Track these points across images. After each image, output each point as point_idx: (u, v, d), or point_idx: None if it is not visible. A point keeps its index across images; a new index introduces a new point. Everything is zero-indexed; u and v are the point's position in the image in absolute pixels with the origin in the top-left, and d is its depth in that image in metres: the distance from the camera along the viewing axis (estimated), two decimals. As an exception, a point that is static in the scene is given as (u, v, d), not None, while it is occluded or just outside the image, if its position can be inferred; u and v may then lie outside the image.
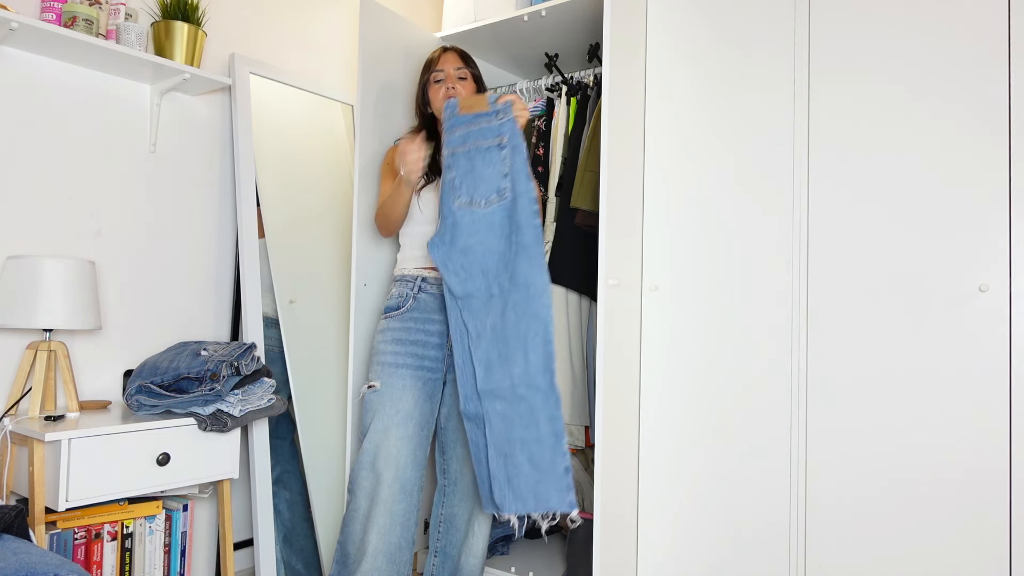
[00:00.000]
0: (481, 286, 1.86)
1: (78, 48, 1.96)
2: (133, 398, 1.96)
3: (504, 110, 1.87)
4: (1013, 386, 1.61)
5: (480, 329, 1.86)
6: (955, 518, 1.66)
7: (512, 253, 1.83)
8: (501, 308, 1.84)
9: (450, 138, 1.90)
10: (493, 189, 1.86)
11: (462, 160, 1.88)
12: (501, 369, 1.82)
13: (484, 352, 1.85)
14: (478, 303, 1.87)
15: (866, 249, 1.79)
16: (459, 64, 2.12)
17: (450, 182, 1.88)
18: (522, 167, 1.85)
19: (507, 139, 1.86)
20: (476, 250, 1.86)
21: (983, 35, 1.68)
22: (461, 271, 1.86)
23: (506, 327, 1.83)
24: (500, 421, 1.82)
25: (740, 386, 1.95)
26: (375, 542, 1.90)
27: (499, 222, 1.85)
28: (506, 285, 1.83)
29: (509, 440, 1.81)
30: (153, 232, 2.28)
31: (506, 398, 1.82)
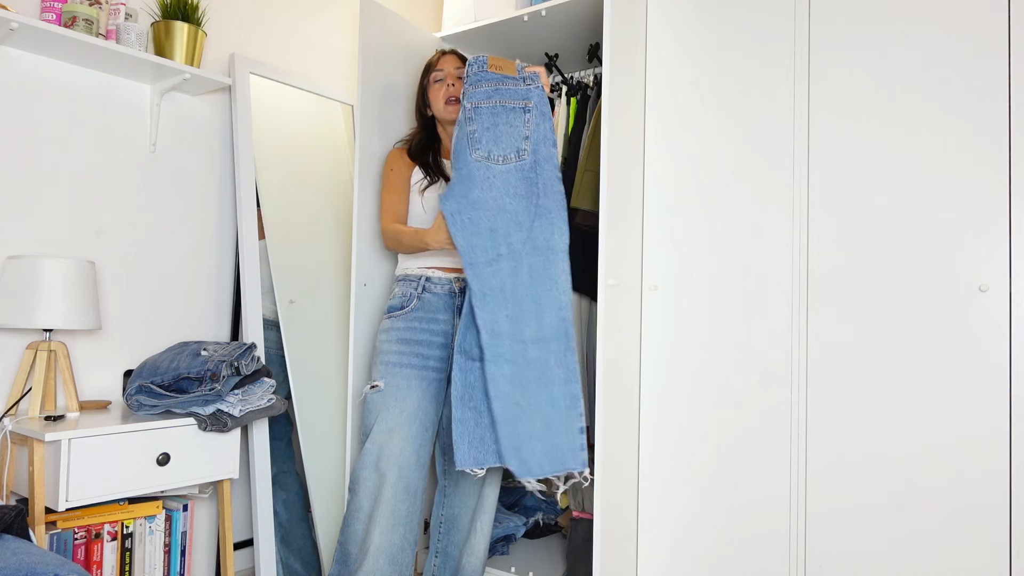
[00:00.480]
0: (487, 244, 1.82)
1: (78, 48, 1.96)
2: (133, 398, 1.96)
3: (532, 78, 1.89)
4: (1013, 386, 1.61)
5: (486, 290, 1.80)
6: (955, 518, 1.66)
7: (531, 215, 1.81)
8: (511, 269, 1.81)
9: (474, 92, 1.87)
10: (512, 148, 1.84)
11: (486, 115, 1.86)
12: (511, 332, 1.78)
13: (490, 313, 1.78)
14: (482, 261, 1.81)
15: (866, 249, 1.79)
16: (458, 64, 2.13)
17: (469, 134, 1.85)
18: (547, 134, 1.84)
19: (534, 103, 1.87)
20: (488, 204, 1.83)
21: (983, 36, 1.68)
22: (469, 225, 1.82)
23: (517, 289, 1.79)
24: (509, 385, 1.76)
25: (740, 386, 1.95)
26: (377, 542, 1.89)
27: (515, 181, 1.83)
28: (518, 247, 1.81)
29: (518, 404, 1.75)
30: (153, 232, 2.28)
31: (516, 362, 1.77)
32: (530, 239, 1.82)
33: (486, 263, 1.81)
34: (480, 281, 1.80)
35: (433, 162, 2.12)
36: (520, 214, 1.82)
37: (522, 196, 1.83)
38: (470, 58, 1.94)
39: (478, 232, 1.82)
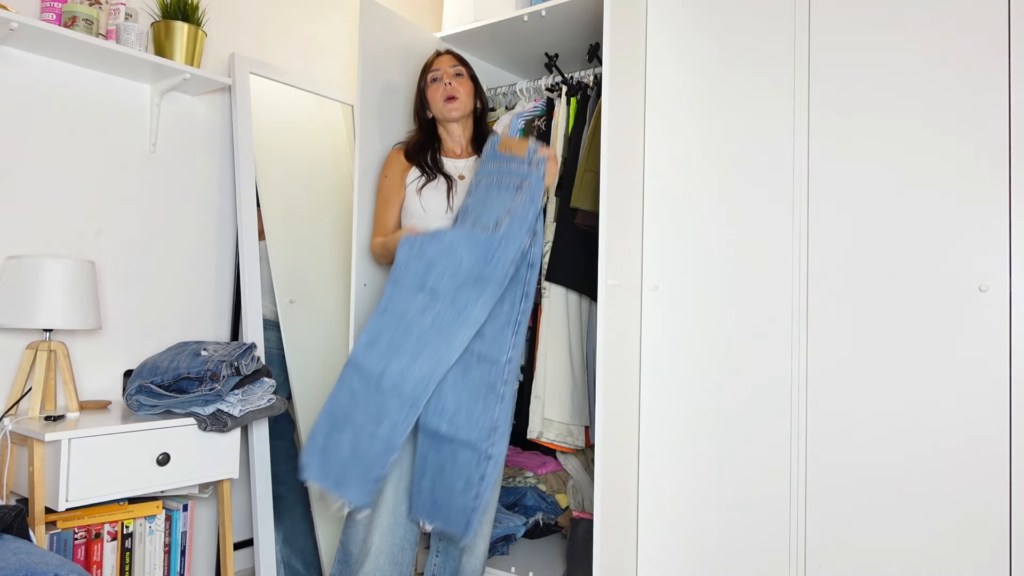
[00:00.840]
0: (420, 271, 1.85)
1: (78, 48, 1.96)
2: (133, 398, 1.96)
3: (538, 164, 1.94)
4: (1013, 386, 1.61)
5: (391, 308, 1.85)
6: (954, 517, 1.66)
7: (468, 277, 1.84)
8: (422, 306, 1.84)
9: (482, 168, 1.99)
10: (493, 219, 1.91)
11: (482, 190, 1.97)
12: (382, 355, 1.82)
13: (379, 327, 1.83)
14: (407, 284, 1.86)
15: (866, 249, 1.79)
16: (454, 63, 2.14)
17: (464, 207, 1.96)
18: (529, 216, 1.88)
19: (528, 185, 1.92)
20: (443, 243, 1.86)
21: (982, 37, 1.68)
22: (418, 248, 1.87)
23: (412, 324, 1.83)
24: (349, 396, 1.82)
25: (741, 385, 1.95)
26: (378, 542, 1.90)
27: (480, 242, 1.87)
28: (441, 292, 1.84)
29: (343, 419, 1.81)
30: (153, 232, 2.28)
31: (367, 381, 1.82)
32: (455, 292, 1.85)
33: (410, 286, 1.86)
34: (393, 298, 1.86)
35: (431, 160, 2.12)
36: (462, 266, 1.85)
37: (476, 257, 1.85)
38: (490, 137, 2.02)
39: (420, 258, 1.87)
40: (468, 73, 2.16)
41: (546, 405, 2.27)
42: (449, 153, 2.17)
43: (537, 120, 2.49)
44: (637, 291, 2.10)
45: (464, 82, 2.13)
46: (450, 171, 2.13)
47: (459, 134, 2.18)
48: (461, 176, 2.13)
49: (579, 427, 2.34)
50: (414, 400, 1.81)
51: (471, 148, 2.21)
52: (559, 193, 2.32)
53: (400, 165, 2.14)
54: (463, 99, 2.12)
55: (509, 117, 2.58)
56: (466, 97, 2.13)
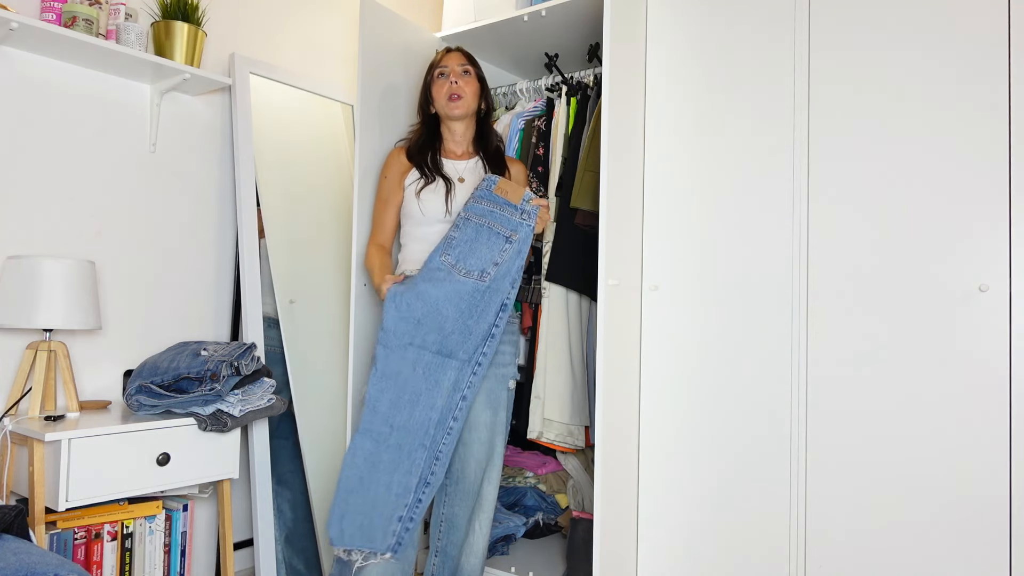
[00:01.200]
0: (407, 331, 1.93)
1: (78, 48, 1.96)
2: (133, 398, 1.96)
3: (530, 213, 1.97)
4: (1013, 386, 1.61)
5: (386, 371, 1.92)
6: (954, 517, 1.66)
7: (456, 327, 1.93)
8: (413, 360, 1.93)
9: (473, 205, 1.98)
10: (479, 267, 1.94)
11: (471, 229, 1.97)
12: (385, 413, 1.91)
13: (378, 391, 1.91)
14: (395, 344, 1.93)
15: (866, 249, 1.79)
16: (463, 61, 2.13)
17: (449, 238, 1.96)
18: (515, 271, 1.96)
19: (518, 238, 1.96)
20: (427, 300, 1.93)
21: (981, 37, 1.68)
22: (404, 309, 1.93)
23: (409, 380, 1.92)
24: (363, 460, 1.89)
25: (740, 385, 1.95)
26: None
27: (464, 295, 1.93)
28: (429, 345, 1.93)
29: (362, 479, 1.88)
30: (153, 232, 2.28)
31: (378, 440, 1.90)
32: (442, 345, 1.93)
33: (398, 346, 1.92)
34: (385, 362, 1.92)
35: (431, 162, 2.11)
36: (447, 322, 1.93)
37: (461, 311, 1.93)
38: (486, 175, 2.02)
39: (406, 319, 1.92)
40: (476, 73, 2.15)
41: (546, 405, 2.27)
42: (449, 154, 2.17)
43: (537, 120, 2.50)
44: (637, 291, 2.10)
45: (470, 81, 2.12)
46: (449, 173, 2.12)
47: (461, 133, 2.17)
48: (461, 179, 2.12)
49: (579, 427, 2.34)
50: (422, 442, 1.91)
51: (473, 149, 2.19)
52: (559, 193, 2.33)
53: (400, 166, 2.13)
54: (467, 98, 2.11)
55: (509, 117, 2.58)
56: (471, 97, 2.12)
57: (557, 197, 2.34)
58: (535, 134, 2.48)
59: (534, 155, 2.46)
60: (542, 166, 2.44)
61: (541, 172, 2.44)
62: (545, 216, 2.02)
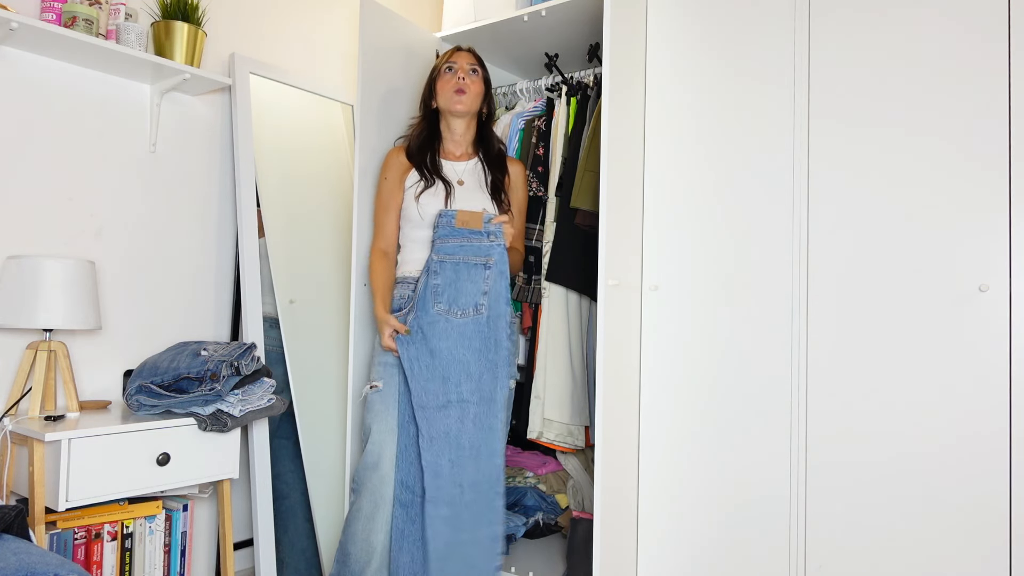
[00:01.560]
0: (440, 390, 1.95)
1: (78, 48, 1.96)
2: (133, 398, 1.96)
3: (496, 232, 2.01)
4: (1013, 386, 1.61)
5: (433, 433, 1.93)
6: (954, 517, 1.66)
7: (481, 367, 1.97)
8: (459, 416, 1.95)
9: (441, 246, 2.01)
10: (471, 303, 1.98)
11: (449, 270, 1.99)
12: (450, 475, 1.93)
13: (434, 455, 1.93)
14: (433, 406, 1.95)
15: (866, 249, 1.79)
16: (473, 61, 2.15)
17: (433, 287, 1.98)
18: (502, 291, 2.01)
19: (494, 261, 2.01)
20: (444, 355, 1.96)
21: (981, 38, 1.68)
22: (426, 371, 1.96)
23: (462, 434, 1.95)
24: (443, 525, 1.92)
25: (741, 384, 1.95)
26: (384, 541, 1.90)
27: (470, 334, 1.98)
28: (467, 395, 1.96)
29: (448, 544, 1.92)
30: (153, 232, 2.28)
31: (452, 503, 1.93)
32: (478, 389, 1.97)
33: (436, 408, 1.95)
34: (429, 424, 1.93)
35: (431, 164, 2.11)
36: (471, 365, 1.97)
37: (476, 349, 1.98)
38: (443, 210, 2.03)
39: (432, 379, 1.95)
40: (483, 75, 2.16)
41: (546, 405, 2.27)
42: (448, 155, 2.16)
43: (537, 120, 2.50)
44: (637, 291, 2.10)
45: (477, 81, 2.13)
46: (449, 175, 2.12)
47: (460, 133, 2.16)
48: (460, 181, 2.12)
49: (579, 427, 2.34)
50: (497, 490, 1.96)
51: (472, 150, 2.19)
52: (559, 193, 2.33)
53: (400, 166, 2.13)
54: (471, 96, 2.11)
55: (509, 117, 2.58)
56: (474, 95, 2.12)
57: (557, 197, 2.34)
58: (535, 134, 2.48)
59: (534, 155, 2.46)
60: (542, 166, 2.44)
61: (541, 172, 2.44)
62: (509, 231, 2.04)
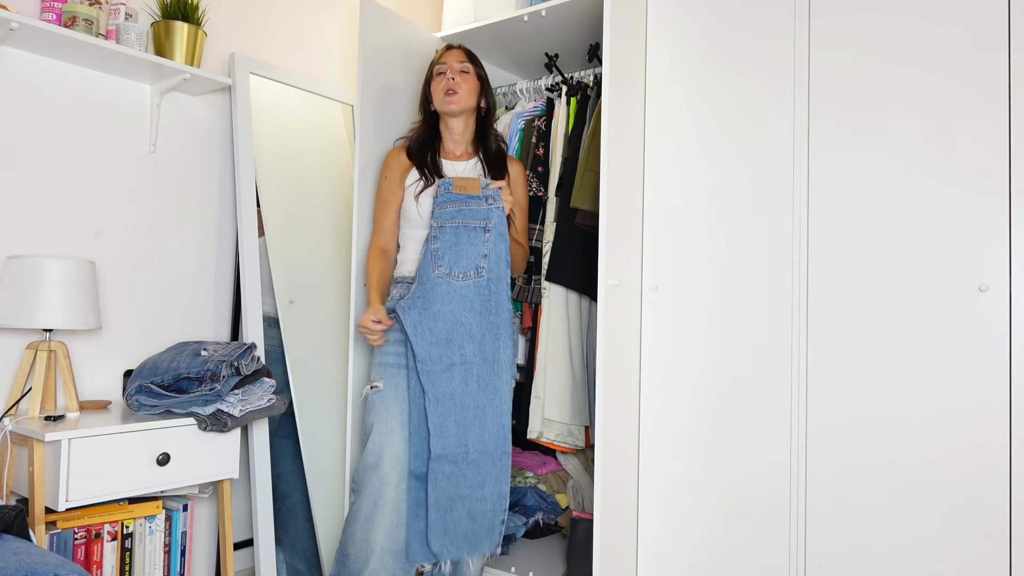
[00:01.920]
0: (443, 353, 1.97)
1: (78, 48, 1.96)
2: (133, 398, 1.96)
3: (494, 196, 2.02)
4: (1013, 386, 1.61)
5: (439, 395, 1.96)
6: (955, 517, 1.66)
7: (483, 329, 2.00)
8: (462, 377, 1.98)
9: (441, 212, 2.01)
10: (472, 266, 1.99)
11: (448, 234, 2.00)
12: (456, 435, 1.96)
13: (440, 417, 1.95)
14: (437, 368, 1.97)
15: (866, 249, 1.79)
16: (462, 58, 2.12)
17: (432, 252, 1.99)
18: (503, 254, 2.02)
19: (493, 224, 2.02)
20: (446, 318, 1.97)
21: (981, 38, 1.68)
22: (429, 335, 1.97)
23: (467, 396, 1.98)
24: (446, 481, 1.95)
25: (740, 385, 1.95)
26: (382, 542, 1.90)
27: (471, 297, 1.99)
28: (470, 357, 1.99)
29: (451, 497, 1.95)
30: (153, 232, 2.28)
31: (456, 461, 1.96)
32: (480, 351, 2.00)
33: (441, 370, 1.97)
34: (435, 387, 1.96)
35: (431, 163, 2.11)
36: (474, 328, 1.99)
37: (477, 311, 1.99)
38: (439, 181, 2.04)
39: (436, 342, 1.97)
40: (475, 71, 2.14)
41: (546, 405, 2.27)
42: (449, 154, 2.16)
43: (537, 120, 2.50)
44: (637, 291, 2.10)
45: (468, 79, 2.11)
46: (448, 175, 2.12)
47: (459, 132, 2.16)
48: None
49: (579, 427, 2.34)
50: (504, 449, 2.00)
51: (472, 149, 2.19)
52: (559, 193, 2.33)
53: (400, 164, 2.13)
54: (463, 95, 2.09)
55: (509, 117, 2.58)
56: (467, 94, 2.10)
57: (557, 197, 2.34)
58: (535, 134, 2.48)
59: (534, 155, 2.46)
60: (542, 166, 2.44)
61: (541, 172, 2.44)
62: (507, 196, 2.05)
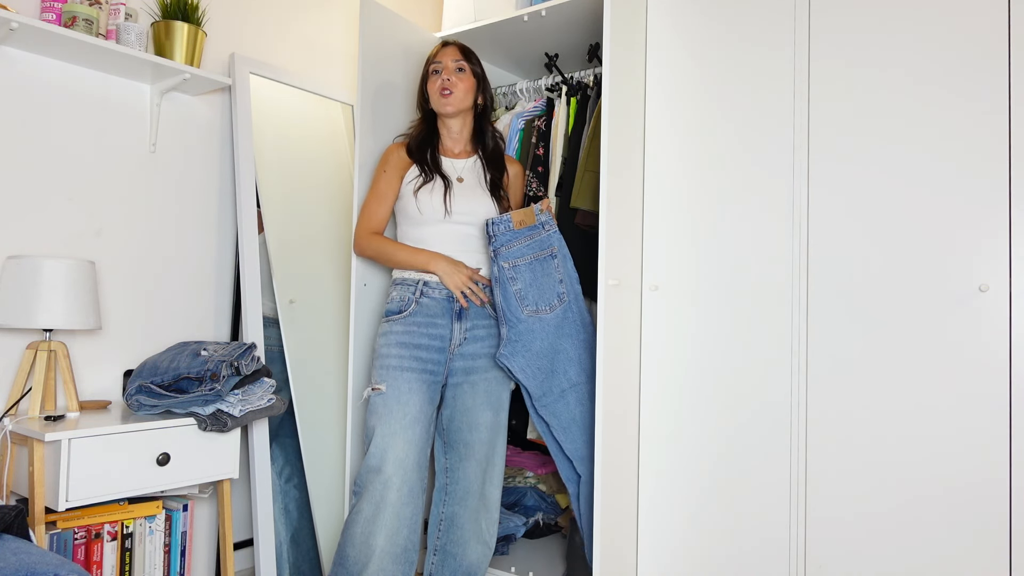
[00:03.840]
0: (553, 385, 2.06)
1: (78, 48, 1.96)
2: (133, 398, 1.96)
3: (548, 221, 2.08)
4: (1013, 386, 1.61)
5: (563, 423, 2.05)
6: (954, 518, 1.66)
7: (579, 349, 2.08)
8: (577, 399, 2.07)
9: (508, 252, 2.03)
10: (554, 295, 2.07)
11: (525, 272, 2.04)
12: (590, 456, 2.06)
13: (572, 443, 2.05)
14: (552, 400, 2.05)
15: (866, 249, 1.79)
16: (457, 56, 2.11)
17: (516, 293, 2.02)
18: (572, 271, 2.10)
19: (557, 248, 2.09)
20: (546, 352, 2.05)
21: (981, 39, 1.68)
22: (538, 373, 2.04)
23: (586, 415, 2.07)
24: (585, 493, 2.09)
25: (740, 385, 1.95)
26: (383, 544, 1.89)
27: (560, 324, 2.07)
28: (576, 378, 2.08)
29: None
30: (153, 232, 2.28)
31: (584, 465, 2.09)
32: (583, 370, 2.09)
33: (555, 400, 2.06)
34: (556, 417, 2.05)
35: (431, 160, 2.10)
36: (571, 351, 2.08)
37: (569, 335, 2.08)
38: (494, 218, 2.03)
39: (545, 377, 2.05)
40: (472, 69, 2.12)
41: (546, 405, 2.27)
42: (448, 152, 2.16)
43: (537, 120, 2.50)
44: (637, 291, 2.10)
45: (464, 77, 2.10)
46: (448, 172, 2.11)
47: (457, 131, 2.15)
48: (460, 178, 2.11)
49: (579, 427, 2.34)
50: None
51: (471, 147, 2.19)
52: (559, 193, 2.33)
53: (400, 161, 2.12)
54: (458, 94, 2.08)
55: (509, 117, 2.58)
56: (463, 93, 2.09)
57: (557, 197, 2.34)
58: (535, 134, 2.48)
59: (534, 155, 2.46)
60: (542, 166, 2.44)
61: (541, 172, 2.44)
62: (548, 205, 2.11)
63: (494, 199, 2.10)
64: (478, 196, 2.09)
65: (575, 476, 2.06)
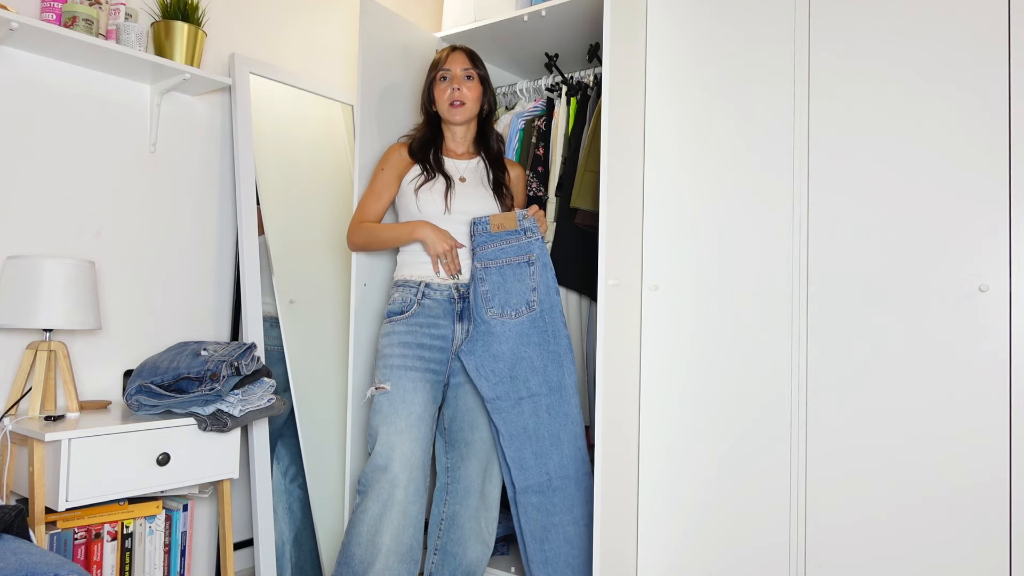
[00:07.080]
0: (509, 390, 2.02)
1: (78, 48, 1.96)
2: (133, 398, 1.96)
3: (532, 228, 2.05)
4: (1013, 386, 1.61)
5: (512, 430, 2.01)
6: (954, 517, 1.66)
7: (545, 360, 2.03)
8: (532, 409, 2.02)
9: (482, 253, 2.03)
10: (523, 302, 2.03)
11: (495, 275, 2.03)
12: (536, 466, 2.01)
13: (516, 451, 2.01)
14: (506, 405, 2.01)
15: (866, 249, 1.79)
16: (466, 64, 2.11)
17: (483, 294, 2.02)
18: (551, 282, 2.05)
19: (536, 256, 2.05)
20: (506, 356, 2.01)
21: (981, 38, 1.68)
22: (492, 375, 2.01)
23: (539, 427, 2.02)
24: (536, 511, 2.01)
25: (741, 385, 1.95)
26: (388, 543, 1.89)
27: (527, 331, 2.03)
28: (536, 389, 2.03)
29: (544, 527, 2.00)
30: (153, 232, 2.28)
31: (542, 491, 2.01)
32: (545, 381, 2.03)
33: (510, 406, 2.02)
34: (507, 423, 2.01)
35: (433, 159, 2.11)
36: (535, 360, 2.03)
37: (535, 344, 2.03)
38: (476, 218, 2.04)
39: (501, 380, 2.02)
40: (479, 75, 2.13)
41: (546, 405, 2.27)
42: (450, 153, 2.17)
43: (537, 120, 2.50)
44: (637, 291, 2.10)
45: (473, 86, 2.11)
46: (450, 171, 2.12)
47: (462, 135, 2.17)
48: (462, 178, 2.12)
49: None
50: (585, 470, 2.04)
51: (473, 149, 2.20)
52: (559, 193, 2.33)
53: (401, 161, 2.12)
54: (469, 105, 2.10)
55: (509, 117, 2.58)
56: (472, 103, 2.11)
57: (557, 197, 2.34)
58: (535, 134, 2.48)
59: (534, 155, 2.46)
60: (542, 166, 2.44)
61: (541, 172, 2.44)
62: (543, 220, 2.07)
63: (497, 198, 2.11)
64: (480, 195, 2.09)
65: (512, 485, 2.02)
